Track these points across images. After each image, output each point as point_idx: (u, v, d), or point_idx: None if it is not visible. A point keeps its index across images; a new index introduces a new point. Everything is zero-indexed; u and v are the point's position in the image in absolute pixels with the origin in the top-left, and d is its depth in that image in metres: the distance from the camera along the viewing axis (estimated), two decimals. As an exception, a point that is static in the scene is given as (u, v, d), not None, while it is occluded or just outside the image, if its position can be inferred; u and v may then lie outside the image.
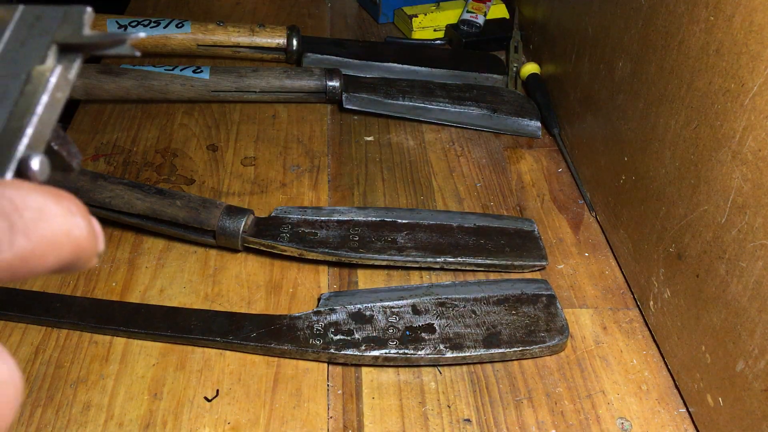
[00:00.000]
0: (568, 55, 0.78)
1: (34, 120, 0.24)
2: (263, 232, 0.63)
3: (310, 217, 0.65)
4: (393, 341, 0.55)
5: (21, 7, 0.27)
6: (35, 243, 0.20)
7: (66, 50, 0.26)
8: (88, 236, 0.22)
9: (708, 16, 0.50)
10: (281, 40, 0.91)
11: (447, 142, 0.81)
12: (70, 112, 0.83)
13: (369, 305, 0.58)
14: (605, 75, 0.68)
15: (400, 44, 0.99)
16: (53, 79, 0.25)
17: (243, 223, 0.62)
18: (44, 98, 0.25)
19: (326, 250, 0.62)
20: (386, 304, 0.58)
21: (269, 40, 0.91)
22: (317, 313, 0.57)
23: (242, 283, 0.62)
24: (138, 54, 0.26)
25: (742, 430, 0.46)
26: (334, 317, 0.57)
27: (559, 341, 0.56)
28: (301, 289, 0.62)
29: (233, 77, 0.82)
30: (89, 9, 0.26)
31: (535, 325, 0.57)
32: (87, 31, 0.26)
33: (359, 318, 0.57)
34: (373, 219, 0.66)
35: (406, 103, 0.83)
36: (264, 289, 0.61)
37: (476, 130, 0.83)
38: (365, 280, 0.63)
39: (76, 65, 0.26)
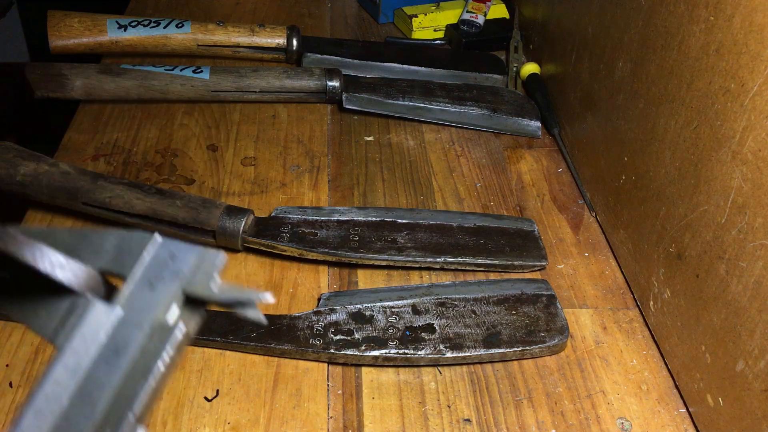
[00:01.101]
0: (568, 55, 0.78)
1: (148, 390, 0.23)
2: (263, 232, 0.63)
3: (310, 217, 0.65)
4: (393, 341, 0.55)
5: (157, 239, 0.26)
6: None
7: (192, 301, 0.25)
8: None
9: (708, 16, 0.50)
10: (281, 40, 0.91)
11: (447, 142, 0.81)
12: (70, 112, 0.83)
13: (369, 305, 0.58)
14: (605, 75, 0.68)
15: (400, 44, 0.99)
16: (175, 341, 0.24)
17: (243, 223, 0.62)
18: (161, 367, 0.24)
19: (326, 250, 0.62)
20: (386, 304, 0.58)
21: (269, 40, 0.91)
22: (317, 313, 0.57)
23: (242, 283, 0.62)
24: (265, 322, 0.25)
25: (742, 430, 0.46)
26: (334, 317, 0.57)
27: (559, 341, 0.56)
28: (301, 289, 0.62)
29: (233, 77, 0.82)
30: (222, 255, 0.25)
31: (535, 325, 0.57)
32: (217, 284, 0.25)
33: (359, 318, 0.57)
34: (373, 219, 0.66)
35: (406, 103, 0.83)
36: (264, 289, 0.61)
37: (476, 130, 0.83)
38: (365, 280, 0.63)
39: (197, 319, 0.25)
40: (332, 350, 0.55)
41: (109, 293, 0.25)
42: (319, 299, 0.60)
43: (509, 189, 0.74)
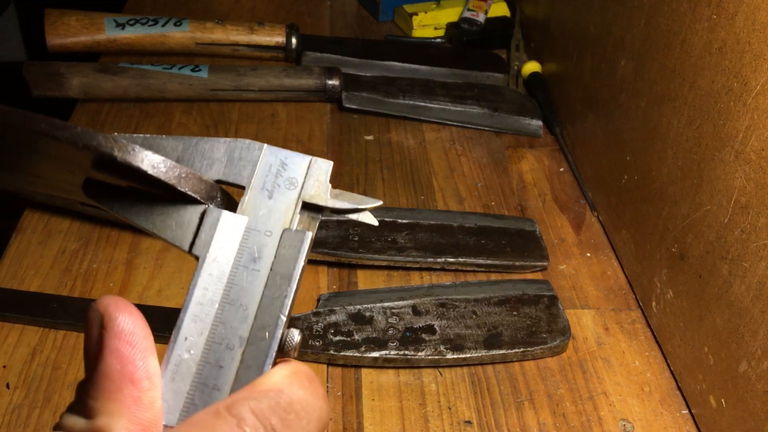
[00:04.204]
0: (569, 53, 0.78)
1: (291, 294, 0.25)
2: (262, 232, 0.62)
3: (309, 217, 0.65)
4: (393, 342, 0.55)
5: (266, 148, 0.27)
6: None
7: (309, 208, 0.27)
8: (330, 413, 0.24)
9: (711, 14, 0.49)
10: (280, 39, 0.91)
11: (448, 142, 0.81)
12: (68, 111, 0.82)
13: (369, 306, 0.58)
14: (607, 74, 0.67)
15: (401, 42, 0.99)
16: (306, 248, 0.26)
17: (242, 223, 0.61)
18: (299, 271, 0.25)
19: (326, 250, 0.62)
20: (386, 304, 0.58)
21: (268, 39, 0.91)
22: (317, 314, 0.57)
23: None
24: (376, 224, 0.27)
25: (746, 433, 0.46)
26: (333, 318, 0.57)
27: (561, 342, 0.56)
28: (300, 289, 0.61)
29: (232, 76, 0.82)
30: (330, 163, 0.27)
31: (537, 326, 0.57)
32: (331, 193, 0.27)
33: (359, 319, 0.57)
34: (373, 219, 0.66)
35: (407, 102, 0.83)
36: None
37: (477, 129, 0.83)
38: (365, 280, 0.63)
39: (317, 224, 0.27)
40: (332, 351, 0.54)
41: (227, 202, 0.26)
42: (318, 300, 0.59)
43: (510, 189, 0.74)
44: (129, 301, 0.23)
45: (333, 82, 0.83)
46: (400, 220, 0.66)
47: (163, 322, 0.56)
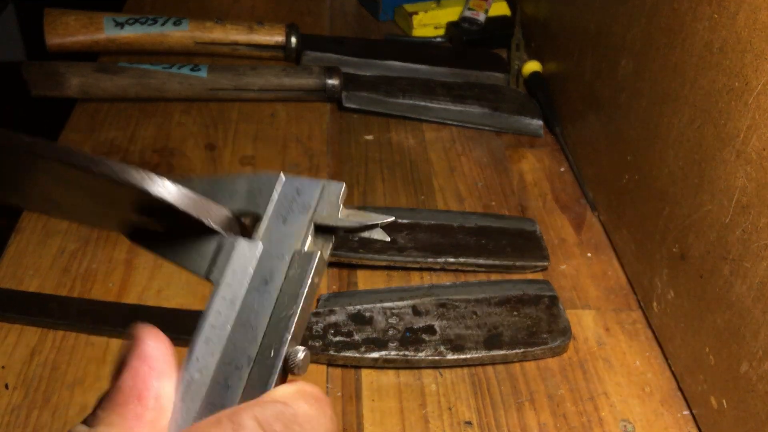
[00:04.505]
0: (570, 53, 0.78)
1: (299, 313, 0.26)
2: (262, 232, 0.62)
3: (309, 217, 0.65)
4: (393, 343, 0.55)
5: (282, 178, 0.28)
6: None
7: (322, 230, 0.28)
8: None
9: (712, 13, 0.49)
10: (280, 38, 0.91)
11: (448, 141, 0.80)
12: (66, 110, 0.82)
13: (369, 306, 0.58)
14: (608, 73, 0.67)
15: (401, 42, 0.99)
16: (314, 267, 0.26)
17: (241, 223, 0.61)
18: (306, 290, 0.26)
19: (325, 251, 0.61)
20: (386, 305, 0.58)
21: (268, 38, 0.91)
22: (316, 314, 0.57)
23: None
24: (389, 239, 0.28)
25: (747, 434, 0.45)
26: (333, 318, 0.56)
27: (562, 343, 0.56)
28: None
29: (231, 75, 0.81)
30: (344, 186, 0.28)
31: (537, 326, 0.57)
32: (342, 213, 0.28)
33: (359, 319, 0.56)
34: (373, 219, 0.66)
35: (407, 101, 0.83)
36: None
37: (477, 128, 0.82)
38: (365, 280, 0.63)
39: (330, 245, 0.28)
40: (332, 352, 0.54)
41: (244, 231, 0.27)
42: (318, 300, 0.59)
43: (511, 188, 0.74)
44: (163, 334, 0.25)
45: (333, 81, 0.83)
46: (400, 220, 0.66)
47: (164, 323, 0.56)
